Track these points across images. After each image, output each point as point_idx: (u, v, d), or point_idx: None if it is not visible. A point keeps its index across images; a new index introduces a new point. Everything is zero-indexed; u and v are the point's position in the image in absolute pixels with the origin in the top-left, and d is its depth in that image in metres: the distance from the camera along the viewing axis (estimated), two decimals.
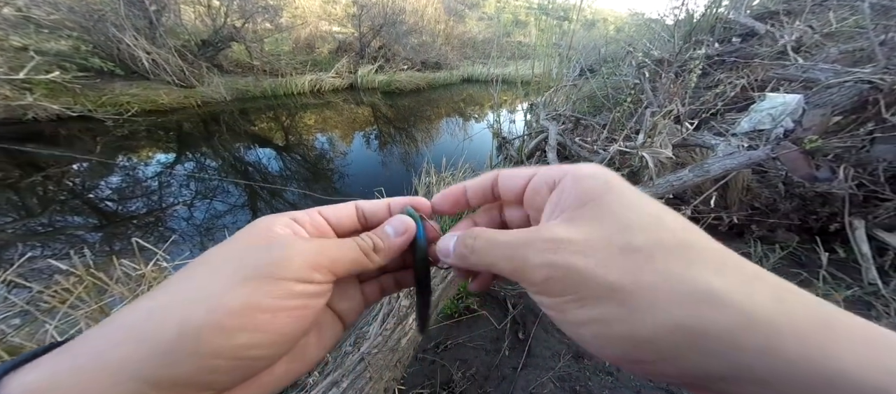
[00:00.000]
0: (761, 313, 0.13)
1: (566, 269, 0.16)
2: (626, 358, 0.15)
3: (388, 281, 0.27)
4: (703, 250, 0.15)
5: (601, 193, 0.17)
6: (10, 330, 0.95)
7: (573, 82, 2.97)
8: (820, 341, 0.12)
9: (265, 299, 0.16)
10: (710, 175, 1.33)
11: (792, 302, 0.14)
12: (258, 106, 5.31)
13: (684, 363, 0.14)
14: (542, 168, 0.21)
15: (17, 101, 3.19)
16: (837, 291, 1.37)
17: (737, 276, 0.14)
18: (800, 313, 0.13)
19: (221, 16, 5.20)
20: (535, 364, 1.25)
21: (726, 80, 2.01)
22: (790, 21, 2.25)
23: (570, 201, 0.18)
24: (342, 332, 0.24)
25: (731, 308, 0.13)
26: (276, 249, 0.18)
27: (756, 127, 1.79)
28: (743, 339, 0.13)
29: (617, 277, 0.15)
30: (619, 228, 0.16)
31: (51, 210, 2.29)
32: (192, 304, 0.16)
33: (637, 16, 4.01)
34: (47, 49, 3.69)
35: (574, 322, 0.16)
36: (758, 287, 0.14)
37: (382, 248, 0.23)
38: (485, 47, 9.74)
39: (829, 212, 1.61)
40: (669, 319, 0.14)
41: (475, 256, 0.20)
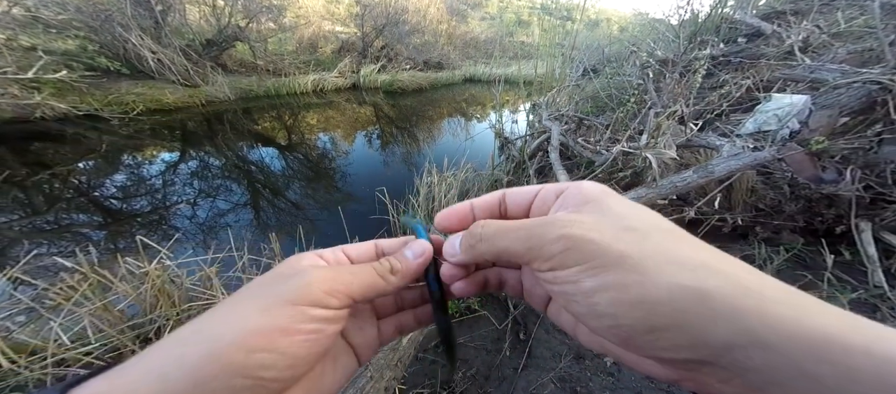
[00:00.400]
0: (748, 281, 0.14)
1: (582, 239, 0.17)
2: (642, 326, 0.15)
3: (406, 318, 0.27)
4: (687, 236, 0.18)
5: (599, 197, 0.20)
6: (15, 327, 0.97)
7: (576, 82, 2.95)
8: (802, 307, 0.13)
9: (284, 322, 0.17)
10: (715, 176, 1.32)
11: (765, 277, 0.15)
12: (261, 105, 5.34)
13: (697, 329, 0.14)
14: (548, 185, 0.23)
15: (26, 100, 3.23)
16: (842, 294, 1.35)
17: (714, 253, 0.16)
18: (777, 285, 0.15)
19: (226, 15, 5.24)
20: (535, 365, 1.24)
21: (731, 80, 1.99)
22: (797, 21, 2.22)
23: (574, 201, 0.20)
24: (356, 367, 0.25)
25: (724, 274, 0.15)
26: (296, 277, 0.20)
27: (761, 128, 1.77)
28: (740, 301, 0.14)
29: (625, 246, 0.16)
30: (617, 216, 0.18)
31: (57, 208, 2.32)
32: (227, 327, 0.17)
33: (641, 15, 3.98)
34: (55, 49, 3.74)
35: (589, 291, 0.17)
36: (737, 264, 0.16)
37: (400, 269, 0.24)
38: (487, 47, 9.73)
39: (835, 214, 1.59)
40: (675, 281, 0.15)
41: (485, 243, 0.21)
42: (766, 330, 0.13)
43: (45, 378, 0.90)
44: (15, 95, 3.17)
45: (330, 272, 0.20)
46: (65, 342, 0.95)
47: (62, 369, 0.95)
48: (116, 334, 1.04)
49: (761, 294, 0.14)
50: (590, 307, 0.17)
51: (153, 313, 1.17)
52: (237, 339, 0.16)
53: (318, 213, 2.61)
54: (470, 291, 0.26)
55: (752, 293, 0.14)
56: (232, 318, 0.18)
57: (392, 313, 0.27)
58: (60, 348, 0.95)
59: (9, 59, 3.12)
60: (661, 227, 0.18)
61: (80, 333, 1.02)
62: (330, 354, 0.22)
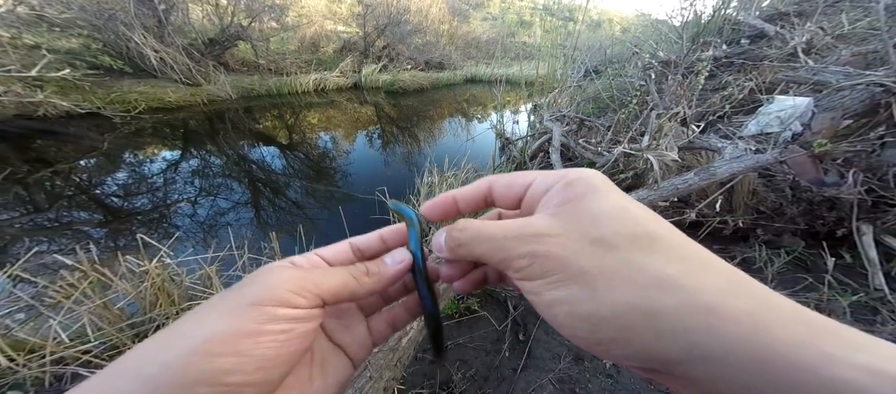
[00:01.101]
0: (705, 296, 0.14)
1: (545, 256, 0.18)
2: (592, 338, 0.16)
3: (397, 311, 0.27)
4: (665, 242, 0.17)
5: (583, 195, 0.19)
6: (14, 325, 0.97)
7: (578, 83, 2.95)
8: (756, 321, 0.13)
9: (247, 324, 0.17)
10: (716, 178, 1.31)
11: (737, 286, 0.15)
12: (263, 104, 5.35)
13: (640, 343, 0.15)
14: (541, 173, 0.22)
15: (29, 97, 3.24)
16: (843, 297, 1.35)
17: (692, 263, 0.16)
18: (742, 296, 0.14)
19: (229, 15, 5.25)
20: (535, 366, 1.24)
21: (734, 82, 1.98)
22: (801, 22, 2.21)
23: (556, 201, 0.20)
24: (351, 369, 0.24)
25: (681, 292, 0.15)
26: (261, 279, 0.19)
27: (763, 130, 1.76)
28: (688, 319, 0.14)
29: (585, 262, 0.17)
30: (591, 223, 0.18)
31: (58, 205, 2.32)
32: (183, 337, 0.17)
33: (644, 16, 3.97)
34: (59, 47, 3.76)
35: (548, 302, 0.18)
36: (709, 274, 0.15)
37: (376, 273, 0.23)
38: (488, 48, 9.72)
39: (836, 217, 1.58)
40: (625, 300, 0.15)
41: (463, 249, 0.22)
42: (711, 346, 0.13)
43: (43, 376, 0.90)
44: (18, 93, 3.18)
45: (297, 272, 0.20)
46: (64, 340, 0.95)
47: (60, 368, 0.94)
48: (115, 333, 1.04)
49: (717, 310, 0.14)
50: (550, 318, 0.18)
51: (153, 312, 1.17)
52: (195, 346, 0.16)
53: (319, 212, 2.61)
54: (467, 289, 0.25)
55: (707, 310, 0.14)
56: (192, 326, 0.17)
57: (380, 308, 0.27)
58: (59, 346, 0.95)
59: (13, 57, 3.13)
60: (636, 235, 0.17)
61: (79, 331, 1.02)
62: (316, 357, 0.22)
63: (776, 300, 0.14)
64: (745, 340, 0.13)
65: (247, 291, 0.19)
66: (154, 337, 0.17)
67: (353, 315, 0.25)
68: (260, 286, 0.19)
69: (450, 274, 0.25)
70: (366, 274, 0.23)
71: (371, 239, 0.27)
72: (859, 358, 0.12)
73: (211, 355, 0.16)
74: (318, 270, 0.21)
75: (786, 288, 1.44)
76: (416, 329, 1.13)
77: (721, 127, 1.92)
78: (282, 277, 0.19)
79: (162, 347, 0.16)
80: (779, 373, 0.12)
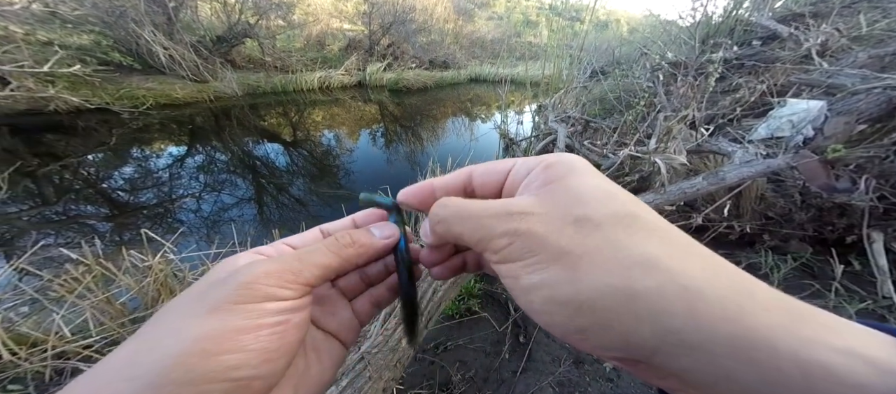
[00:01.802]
0: (688, 279, 0.14)
1: (525, 234, 0.17)
2: (570, 325, 0.15)
3: (379, 291, 0.26)
4: (648, 222, 0.16)
5: (564, 175, 0.18)
6: (18, 318, 0.98)
7: (584, 84, 2.92)
8: (740, 306, 0.13)
9: (241, 321, 0.17)
10: (725, 183, 1.28)
11: (720, 271, 0.14)
12: (268, 102, 5.39)
13: (620, 329, 0.14)
14: (521, 159, 0.21)
15: (40, 93, 3.31)
16: (850, 304, 1.33)
17: (675, 246, 0.15)
18: (724, 281, 0.14)
19: (236, 12, 5.30)
20: (534, 368, 1.23)
21: (745, 84, 1.94)
22: (816, 24, 2.15)
23: (537, 183, 0.19)
24: (344, 352, 0.24)
25: (663, 273, 0.14)
26: (237, 276, 0.18)
27: (774, 134, 1.72)
28: (670, 301, 0.13)
29: (567, 242, 0.16)
30: (573, 202, 0.17)
31: (65, 199, 2.37)
32: (169, 337, 0.16)
33: (652, 16, 3.91)
34: (70, 43, 3.83)
35: (526, 287, 0.17)
36: (693, 256, 0.15)
37: (363, 242, 0.23)
38: (494, 47, 9.67)
39: (846, 223, 1.54)
40: (606, 281, 0.15)
41: (442, 226, 0.21)
42: (692, 331, 0.13)
43: (44, 371, 0.91)
44: (30, 88, 3.25)
45: (273, 264, 0.19)
46: (66, 335, 0.95)
47: (61, 362, 0.95)
48: (117, 328, 1.05)
49: (699, 293, 0.13)
50: (526, 304, 0.17)
51: (154, 307, 1.18)
52: (187, 346, 0.15)
53: (321, 209, 2.63)
54: (445, 275, 0.25)
55: (688, 293, 0.13)
56: (173, 328, 0.16)
57: (362, 290, 0.26)
58: (61, 341, 0.96)
59: (26, 53, 3.19)
60: (619, 214, 0.16)
61: (81, 325, 1.03)
62: (309, 346, 0.22)
63: (756, 286, 0.14)
64: (729, 323, 0.13)
65: (223, 292, 0.17)
66: (137, 340, 0.17)
67: (335, 301, 0.25)
68: (238, 285, 0.18)
69: (430, 259, 0.24)
70: (351, 245, 0.22)
71: (343, 224, 0.26)
72: (837, 341, 0.12)
73: (210, 354, 0.15)
74: (292, 257, 0.20)
75: (791, 294, 1.43)
76: (406, 342, 1.13)
77: (730, 130, 1.88)
78: (257, 273, 0.18)
79: (152, 349, 0.16)
80: (761, 360, 0.12)
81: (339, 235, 0.23)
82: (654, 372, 0.15)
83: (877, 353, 0.12)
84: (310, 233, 0.26)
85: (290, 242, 0.24)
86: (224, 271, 0.19)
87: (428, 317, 1.30)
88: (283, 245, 0.24)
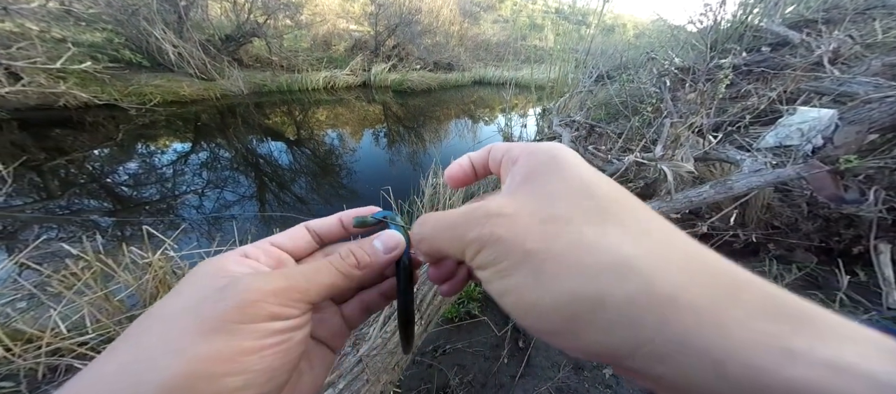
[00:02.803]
0: (663, 283, 0.12)
1: (491, 239, 0.16)
2: (541, 328, 0.15)
3: (371, 296, 0.26)
4: (627, 216, 0.15)
5: (545, 168, 0.18)
6: (15, 314, 0.98)
7: (589, 88, 2.90)
8: (717, 315, 0.12)
9: (246, 342, 0.16)
10: (733, 193, 1.26)
11: (700, 272, 0.13)
12: (273, 101, 5.43)
13: (588, 337, 0.13)
14: (520, 145, 0.21)
15: (51, 88, 3.37)
16: (854, 315, 1.32)
17: (655, 243, 0.14)
18: (703, 285, 0.13)
19: (245, 11, 5.36)
20: (533, 374, 1.23)
21: (755, 91, 1.91)
22: (828, 30, 2.10)
23: (518, 177, 0.19)
24: (333, 357, 0.24)
25: (637, 278, 0.13)
26: (237, 292, 0.17)
27: (782, 142, 1.69)
28: (640, 312, 0.12)
29: (532, 245, 0.15)
30: (547, 199, 0.16)
31: (70, 193, 2.39)
32: (172, 357, 0.15)
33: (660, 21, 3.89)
34: (83, 40, 3.90)
35: (498, 292, 0.16)
36: (672, 255, 0.13)
37: (368, 264, 0.22)
38: (498, 50, 9.68)
39: (853, 234, 1.52)
40: (570, 287, 0.14)
41: (425, 244, 0.20)
42: (663, 342, 0.12)
43: (37, 368, 0.90)
44: (42, 84, 3.31)
45: (279, 282, 0.18)
46: (62, 331, 0.95)
47: (55, 359, 0.95)
48: (113, 325, 1.05)
49: (673, 302, 0.12)
50: (503, 306, 0.16)
51: (151, 304, 1.18)
52: (191, 367, 0.15)
53: (322, 209, 2.63)
54: (453, 292, 0.24)
55: (661, 301, 0.12)
56: (174, 345, 0.16)
57: (352, 295, 0.26)
58: (57, 337, 0.95)
59: (39, 50, 3.25)
60: (593, 210, 0.15)
61: (78, 322, 1.02)
62: (305, 354, 0.22)
63: (743, 288, 0.12)
64: (701, 336, 0.12)
65: (224, 309, 0.17)
66: (127, 351, 0.16)
67: (326, 307, 0.25)
68: (241, 303, 0.17)
69: (435, 276, 0.23)
70: (357, 267, 0.21)
71: (330, 223, 0.25)
72: (824, 352, 0.11)
73: (215, 377, 0.15)
74: (299, 275, 0.20)
75: None
76: (415, 334, 1.12)
77: (737, 137, 1.85)
78: (264, 291, 0.17)
79: (152, 368, 0.15)
80: (736, 375, 0.11)
81: (344, 254, 0.22)
82: (631, 373, 0.14)
83: (874, 366, 0.10)
84: (296, 231, 0.25)
85: (277, 242, 0.23)
86: (216, 279, 0.18)
87: (427, 320, 1.28)
88: (270, 245, 0.23)
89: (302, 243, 0.24)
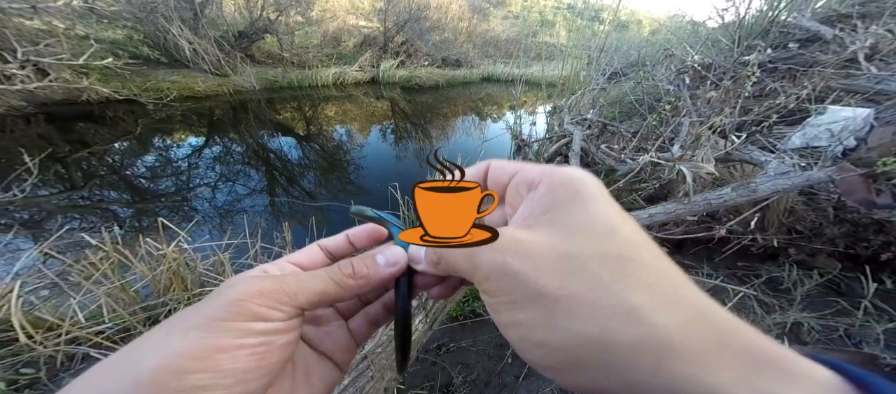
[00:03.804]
0: (665, 332, 0.14)
1: (503, 271, 0.17)
2: (543, 364, 0.16)
3: (375, 309, 0.26)
4: (642, 265, 0.15)
5: (568, 201, 0.18)
6: (38, 302, 1.02)
7: (602, 86, 2.82)
8: (706, 361, 0.13)
9: (221, 340, 0.16)
10: (756, 196, 1.20)
11: (699, 320, 0.14)
12: (284, 96, 5.52)
13: (588, 376, 0.15)
14: (526, 166, 0.21)
15: (75, 84, 3.51)
16: (878, 323, 1.26)
17: (663, 294, 0.15)
18: (701, 333, 0.14)
19: (258, 8, 5.44)
20: (537, 375, 1.22)
21: (782, 89, 1.81)
22: (864, 25, 1.97)
23: (538, 208, 0.18)
24: (338, 374, 0.24)
25: (643, 327, 0.14)
26: (228, 292, 0.18)
27: (810, 143, 1.60)
28: (639, 357, 0.14)
29: (546, 283, 0.15)
30: (566, 236, 0.16)
31: (91, 184, 2.50)
32: (152, 351, 0.16)
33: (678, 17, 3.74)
34: (105, 37, 4.04)
35: (504, 323, 0.17)
36: (679, 306, 0.14)
37: (365, 275, 0.22)
38: (508, 47, 9.54)
39: (882, 241, 1.43)
40: (581, 331, 0.14)
41: (443, 264, 0.21)
42: (655, 386, 0.13)
43: (56, 356, 0.94)
44: (66, 79, 3.46)
45: (269, 283, 0.19)
46: (80, 320, 0.99)
47: (73, 348, 0.99)
48: (129, 316, 1.09)
49: (670, 347, 0.13)
50: (505, 335, 0.17)
51: (165, 296, 1.21)
52: (162, 362, 0.15)
53: (330, 204, 2.66)
54: (445, 295, 0.25)
55: (660, 348, 0.13)
56: (157, 342, 0.16)
57: (358, 309, 0.26)
58: (75, 326, 0.99)
59: (65, 47, 3.39)
60: (611, 254, 0.15)
61: (95, 311, 1.06)
62: (299, 367, 0.21)
63: (732, 335, 0.14)
64: (689, 380, 0.13)
65: (214, 306, 0.17)
66: (124, 350, 0.17)
67: (332, 320, 0.25)
68: (228, 300, 0.17)
69: (426, 282, 0.24)
70: (352, 276, 0.21)
71: (339, 241, 0.26)
72: (780, 391, 0.12)
73: (183, 372, 0.15)
74: (291, 278, 0.20)
75: (814, 311, 1.37)
76: (420, 332, 1.12)
77: (760, 138, 1.76)
78: (251, 290, 0.18)
79: (131, 362, 0.16)
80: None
81: (342, 265, 0.22)
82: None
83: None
84: (311, 249, 0.25)
85: (294, 260, 0.24)
86: (229, 286, 0.19)
87: (433, 318, 1.28)
88: (287, 263, 0.24)
89: (316, 261, 0.25)
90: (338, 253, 0.26)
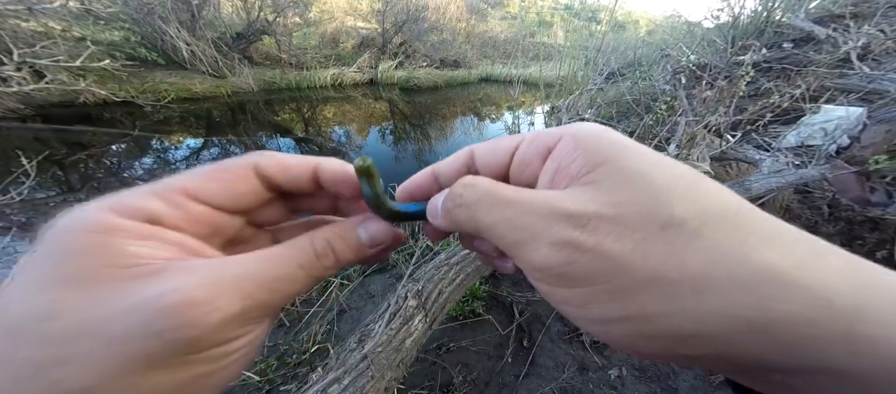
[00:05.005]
0: (840, 296, 0.11)
1: (596, 253, 0.12)
2: (668, 354, 0.13)
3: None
4: (754, 219, 0.12)
5: (616, 152, 0.14)
6: None
7: (599, 86, 2.84)
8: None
9: (187, 374, 0.13)
10: (750, 194, 1.21)
11: (869, 279, 0.11)
12: (282, 97, 5.51)
13: (741, 357, 0.12)
14: (530, 134, 0.17)
15: (73, 86, 3.49)
16: None
17: (800, 250, 0.12)
18: (883, 292, 0.11)
19: (256, 9, 5.44)
20: (537, 374, 1.21)
21: (777, 89, 1.84)
22: (857, 25, 2.00)
23: (578, 166, 0.14)
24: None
25: (805, 292, 0.11)
26: (172, 327, 0.12)
27: (804, 142, 1.62)
28: (822, 328, 0.11)
29: (658, 262, 0.12)
30: (653, 196, 0.13)
31: (89, 186, 2.48)
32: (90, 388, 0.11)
33: (674, 17, 3.77)
34: (102, 39, 4.02)
35: (601, 320, 0.13)
36: (829, 263, 0.12)
37: (350, 261, 0.18)
38: (506, 47, 9.57)
39: (877, 238, 1.45)
40: (725, 310, 0.11)
41: (464, 212, 0.16)
42: (846, 359, 0.10)
43: None
44: (63, 81, 3.44)
45: (234, 304, 0.13)
46: None
47: None
48: None
49: (854, 312, 0.11)
50: (600, 333, 0.13)
51: None
52: None
53: None
54: (435, 238, 0.21)
55: (841, 314, 0.11)
56: (89, 371, 0.11)
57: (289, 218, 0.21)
58: None
59: (61, 48, 3.37)
60: (716, 212, 0.12)
61: None
62: None
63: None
64: (890, 344, 0.10)
65: (148, 329, 0.12)
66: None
67: (257, 240, 0.20)
68: (179, 323, 0.12)
69: (429, 231, 0.20)
70: (333, 266, 0.17)
71: (300, 170, 0.19)
72: None
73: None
74: (257, 288, 0.14)
75: None
76: (420, 331, 1.12)
77: (755, 136, 1.78)
78: (210, 306, 0.13)
79: None
80: None
81: (320, 251, 0.17)
82: (765, 385, 0.12)
83: None
84: (232, 169, 0.17)
85: (191, 191, 0.16)
86: (108, 261, 0.13)
87: (432, 318, 1.29)
88: (187, 198, 0.16)
89: (242, 189, 0.17)
90: (289, 186, 0.19)
